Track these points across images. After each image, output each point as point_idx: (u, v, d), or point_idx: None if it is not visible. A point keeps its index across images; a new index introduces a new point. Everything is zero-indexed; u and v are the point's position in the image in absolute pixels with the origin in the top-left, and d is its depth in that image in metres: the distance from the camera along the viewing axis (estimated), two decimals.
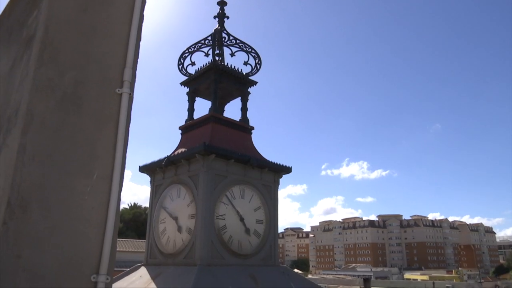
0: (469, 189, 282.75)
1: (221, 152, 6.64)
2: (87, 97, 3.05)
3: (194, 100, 8.41)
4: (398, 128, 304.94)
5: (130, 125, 3.14)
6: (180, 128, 8.15)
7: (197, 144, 6.63)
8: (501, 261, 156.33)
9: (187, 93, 8.45)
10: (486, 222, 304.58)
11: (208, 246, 6.15)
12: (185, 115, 8.28)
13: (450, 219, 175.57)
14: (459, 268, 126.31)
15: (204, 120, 7.67)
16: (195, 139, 7.41)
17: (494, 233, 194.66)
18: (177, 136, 10.01)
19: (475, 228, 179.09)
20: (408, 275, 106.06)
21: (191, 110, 8.27)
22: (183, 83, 8.46)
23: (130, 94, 3.18)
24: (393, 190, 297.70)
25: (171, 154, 7.37)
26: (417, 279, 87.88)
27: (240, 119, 8.10)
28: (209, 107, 7.71)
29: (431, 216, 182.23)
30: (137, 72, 3.31)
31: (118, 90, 3.15)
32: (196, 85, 8.31)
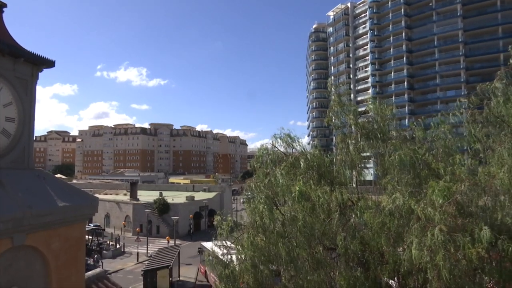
0: (234, 106, 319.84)
1: None
2: None
3: None
4: (182, 41, 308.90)
5: None
6: None
7: None
8: (248, 168, 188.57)
9: None
10: (243, 136, 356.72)
11: None
12: None
13: (215, 131, 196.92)
14: (216, 174, 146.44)
15: None
16: None
17: (247, 145, 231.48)
18: None
19: (233, 140, 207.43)
20: (172, 179, 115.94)
21: None
22: None
23: None
24: (169, 100, 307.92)
25: None
26: (180, 183, 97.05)
27: None
28: None
29: (199, 128, 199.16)
30: None
31: None
32: None
